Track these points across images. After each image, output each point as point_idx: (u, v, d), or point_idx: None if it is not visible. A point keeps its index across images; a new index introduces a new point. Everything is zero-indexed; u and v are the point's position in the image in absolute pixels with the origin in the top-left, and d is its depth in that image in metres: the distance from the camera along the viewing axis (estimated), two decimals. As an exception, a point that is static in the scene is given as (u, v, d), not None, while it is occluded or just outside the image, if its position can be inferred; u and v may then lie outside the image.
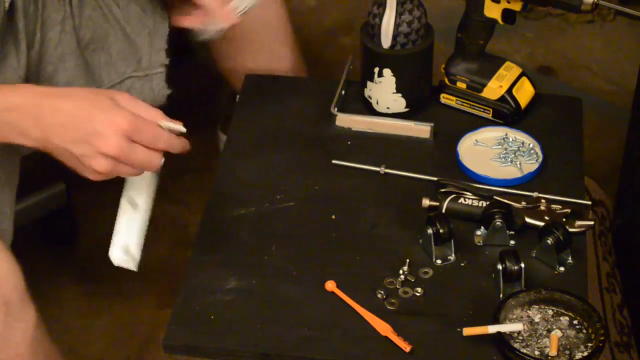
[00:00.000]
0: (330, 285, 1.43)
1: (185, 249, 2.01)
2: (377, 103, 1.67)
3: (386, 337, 1.37)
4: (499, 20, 1.62)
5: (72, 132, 1.31)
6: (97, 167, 1.31)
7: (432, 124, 1.64)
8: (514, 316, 1.37)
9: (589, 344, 1.34)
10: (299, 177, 1.59)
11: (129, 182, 1.41)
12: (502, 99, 1.66)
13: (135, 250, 1.38)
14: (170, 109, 2.01)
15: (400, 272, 1.44)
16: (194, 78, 2.23)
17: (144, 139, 1.32)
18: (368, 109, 1.68)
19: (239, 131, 1.68)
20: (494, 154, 1.61)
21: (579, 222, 1.49)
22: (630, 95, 2.00)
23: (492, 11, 1.61)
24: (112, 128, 1.29)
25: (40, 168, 1.76)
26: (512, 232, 1.48)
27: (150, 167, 1.35)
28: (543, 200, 1.52)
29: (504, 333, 1.33)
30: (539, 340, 1.34)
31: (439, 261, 1.46)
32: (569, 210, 1.50)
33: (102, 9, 1.72)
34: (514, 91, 1.66)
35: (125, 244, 1.38)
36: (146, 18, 1.75)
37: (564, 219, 1.49)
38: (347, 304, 1.41)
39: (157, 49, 1.76)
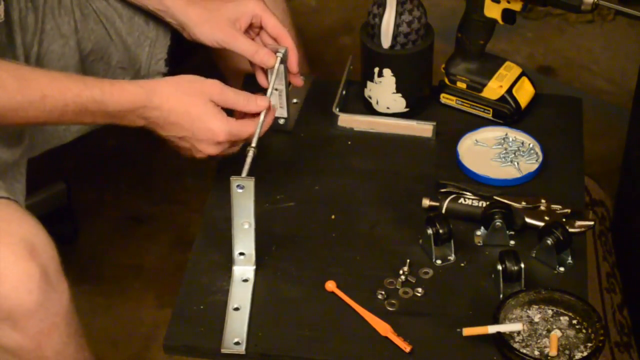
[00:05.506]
0: (330, 285, 1.43)
1: (185, 249, 2.01)
2: (377, 103, 1.67)
3: (386, 337, 1.37)
4: (499, 20, 1.62)
5: (177, 131, 1.47)
6: (201, 156, 1.49)
7: (434, 123, 1.64)
8: (514, 316, 1.37)
9: (589, 344, 1.34)
10: (299, 177, 1.59)
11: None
12: (502, 98, 1.66)
13: None
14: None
15: (401, 272, 1.44)
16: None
17: (240, 139, 1.48)
18: (368, 109, 1.68)
19: (239, 131, 1.68)
20: (494, 153, 1.61)
21: (579, 222, 1.49)
22: (630, 95, 2.00)
23: (492, 11, 1.61)
24: (211, 138, 1.46)
25: (40, 168, 1.76)
26: (512, 232, 1.48)
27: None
28: (543, 200, 1.52)
29: (504, 333, 1.33)
30: (539, 340, 1.34)
31: (439, 261, 1.46)
32: (569, 210, 1.50)
33: (104, 23, 1.72)
34: (514, 91, 1.66)
35: None
36: (149, 30, 1.75)
37: (564, 219, 1.49)
38: (347, 304, 1.41)
39: (157, 59, 1.77)
